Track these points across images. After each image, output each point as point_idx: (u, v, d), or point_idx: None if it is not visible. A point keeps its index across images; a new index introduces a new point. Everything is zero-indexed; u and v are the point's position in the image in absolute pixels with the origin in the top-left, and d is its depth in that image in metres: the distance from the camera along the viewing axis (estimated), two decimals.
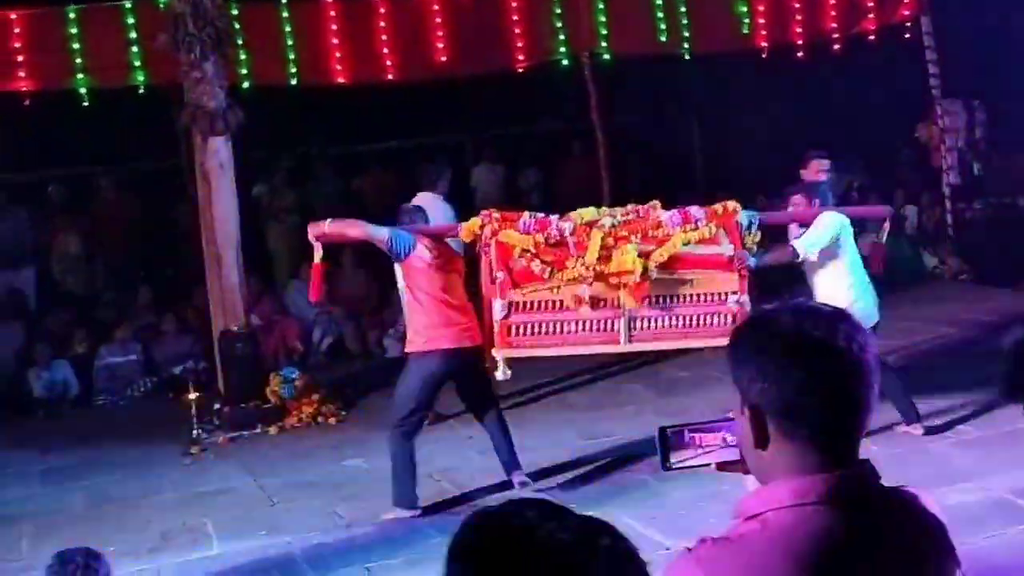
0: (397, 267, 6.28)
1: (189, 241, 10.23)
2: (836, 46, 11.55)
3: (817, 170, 7.43)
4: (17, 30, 8.88)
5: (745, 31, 11.14)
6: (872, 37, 11.66)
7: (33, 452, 8.26)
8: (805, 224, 6.66)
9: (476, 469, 6.75)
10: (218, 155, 8.54)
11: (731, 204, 6.39)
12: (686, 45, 10.96)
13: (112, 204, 12.16)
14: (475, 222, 6.14)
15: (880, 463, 1.67)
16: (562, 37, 10.58)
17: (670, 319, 6.19)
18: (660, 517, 5.60)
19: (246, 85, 9.29)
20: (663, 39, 10.86)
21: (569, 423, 7.73)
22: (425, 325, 6.11)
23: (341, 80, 9.94)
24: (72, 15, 8.97)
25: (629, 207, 6.38)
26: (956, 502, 5.29)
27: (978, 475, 5.91)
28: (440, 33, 10.17)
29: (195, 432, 8.07)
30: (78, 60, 8.98)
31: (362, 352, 10.78)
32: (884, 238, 7.14)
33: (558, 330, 6.10)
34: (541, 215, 6.25)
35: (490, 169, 13.55)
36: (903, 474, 1.75)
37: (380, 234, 6.12)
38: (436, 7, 10.16)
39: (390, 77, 10.10)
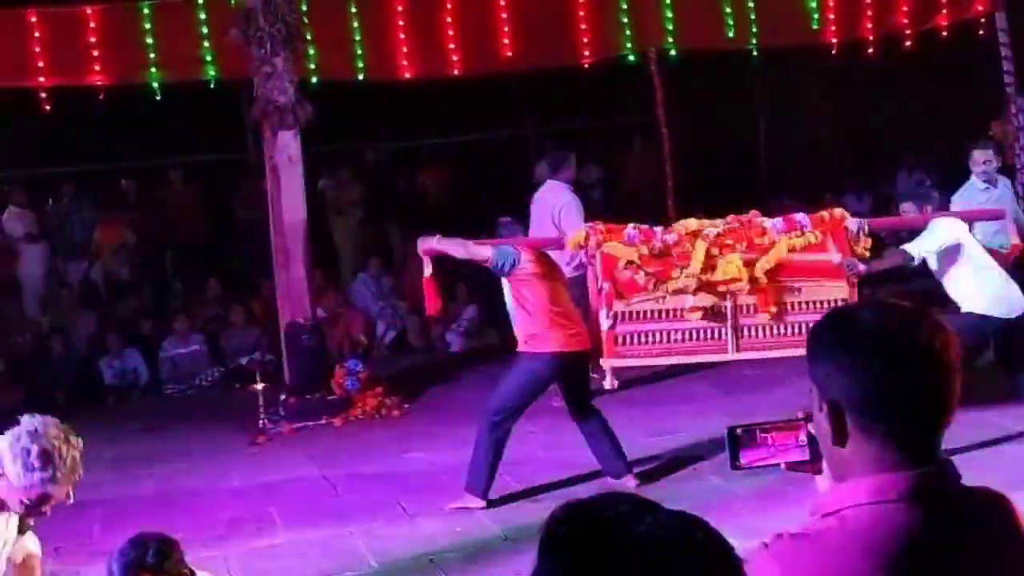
0: (503, 281, 6.32)
1: (256, 234, 10.38)
2: (908, 42, 11.33)
3: (981, 160, 7.32)
4: (92, 25, 9.05)
5: (815, 26, 10.96)
6: (945, 33, 11.41)
7: (104, 439, 8.43)
8: (918, 230, 6.55)
9: (540, 465, 6.75)
10: (287, 149, 8.65)
11: (838, 211, 6.40)
12: (754, 40, 10.83)
13: (181, 196, 12.38)
14: (580, 234, 6.29)
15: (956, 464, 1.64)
16: (628, 32, 10.51)
17: (779, 327, 6.19)
18: (724, 516, 5.54)
19: (315, 80, 9.37)
20: (731, 34, 10.74)
21: (633, 421, 7.68)
22: (534, 332, 6.16)
23: (407, 75, 9.98)
24: (146, 10, 9.11)
25: (731, 217, 6.37)
26: None
27: None
28: (506, 28, 10.16)
29: (261, 422, 8.19)
30: (151, 55, 9.12)
31: (425, 346, 10.85)
32: (1016, 239, 7.21)
33: (665, 339, 6.23)
34: (646, 226, 6.33)
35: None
36: (978, 477, 1.71)
37: (484, 253, 6.18)
38: (502, 2, 10.17)
39: (456, 72, 10.12)
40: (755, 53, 11.05)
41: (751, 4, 10.71)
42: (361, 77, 9.84)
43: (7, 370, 9.65)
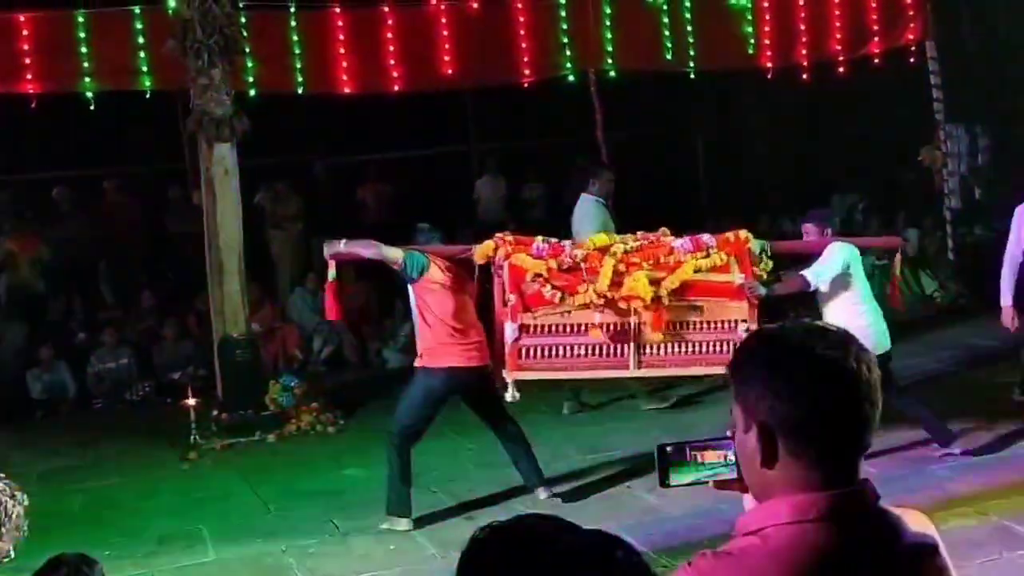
0: (409, 287, 6.25)
1: (191, 246, 10.25)
2: (841, 68, 11.59)
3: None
4: (25, 32, 8.91)
5: (751, 51, 11.18)
6: (877, 60, 11.70)
7: (32, 454, 8.26)
8: (816, 253, 6.66)
9: (474, 481, 6.74)
10: (223, 162, 8.56)
11: (743, 233, 6.45)
12: (692, 63, 11.00)
13: (116, 207, 12.18)
14: (489, 245, 6.18)
15: (879, 485, 1.67)
16: (568, 52, 10.61)
17: (679, 345, 6.25)
18: (656, 534, 5.59)
19: (253, 93, 9.31)
20: (669, 56, 10.90)
21: (570, 437, 7.72)
22: (432, 344, 6.11)
23: (347, 90, 9.97)
24: (81, 19, 9.00)
25: (640, 234, 6.44)
26: (954, 526, 5.29)
27: (977, 500, 5.91)
28: (447, 46, 10.20)
29: (193, 438, 8.07)
30: (86, 64, 9.01)
31: (361, 362, 10.79)
32: (898, 270, 7.28)
33: (569, 354, 6.17)
34: (554, 240, 6.31)
35: (493, 182, 13.59)
36: (902, 497, 1.75)
37: (394, 255, 6.10)
38: (444, 20, 10.20)
39: (396, 88, 10.13)
40: (692, 76, 11.22)
41: (689, 28, 10.89)
42: (300, 91, 9.80)
43: None
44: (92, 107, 9.11)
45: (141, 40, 9.04)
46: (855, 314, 6.45)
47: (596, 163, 9.06)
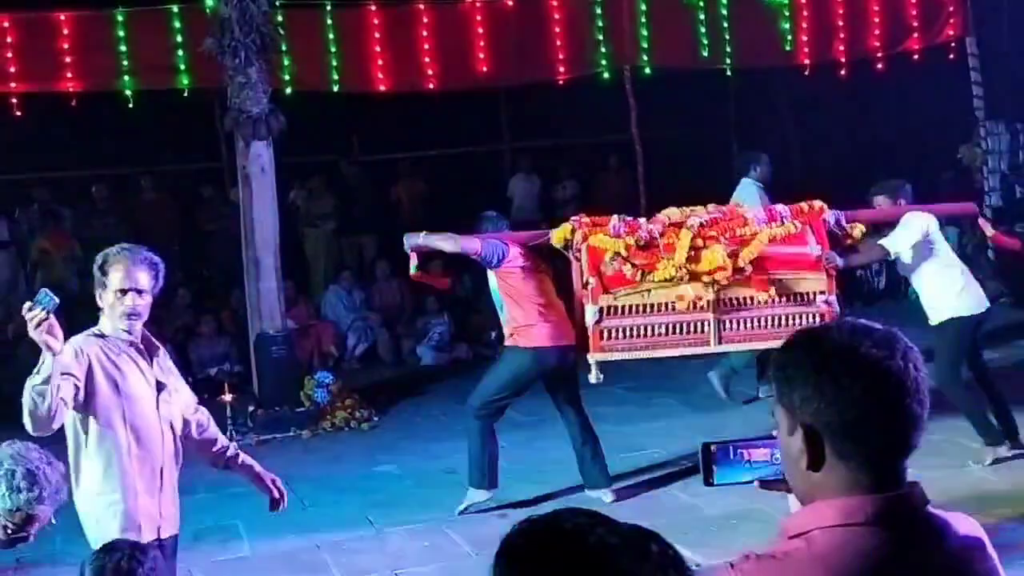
0: (490, 274, 6.36)
1: (227, 244, 10.32)
2: (880, 65, 11.47)
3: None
4: (66, 31, 9.01)
5: (788, 48, 11.09)
6: (916, 57, 11.57)
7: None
8: (892, 224, 6.64)
9: (509, 479, 6.73)
10: (259, 160, 8.62)
11: (817, 203, 6.44)
12: (728, 60, 10.93)
13: (153, 205, 12.29)
14: (566, 228, 6.21)
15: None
16: (604, 50, 10.59)
17: (759, 320, 6.23)
18: (692, 534, 5.56)
19: (289, 91, 9.36)
20: (705, 54, 10.85)
21: (603, 437, 7.68)
22: (522, 323, 6.20)
23: (382, 88, 10.00)
24: (120, 17, 9.09)
25: (712, 207, 6.44)
26: (993, 525, 5.22)
27: (1017, 500, 5.83)
28: (482, 43, 10.21)
29: (228, 433, 8.11)
30: (124, 62, 9.09)
31: (395, 360, 10.83)
32: (991, 230, 7.43)
33: (649, 333, 6.18)
34: (630, 218, 6.30)
35: (526, 180, 13.56)
36: (939, 498, 1.72)
37: (473, 246, 6.18)
38: (479, 17, 10.21)
39: (431, 86, 10.14)
40: (728, 73, 11.14)
41: (725, 25, 10.83)
42: (336, 89, 9.84)
43: None
44: (131, 105, 9.20)
45: (179, 39, 9.11)
46: (946, 279, 6.45)
47: (756, 150, 9.01)
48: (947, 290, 6.46)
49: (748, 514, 5.58)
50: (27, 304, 3.45)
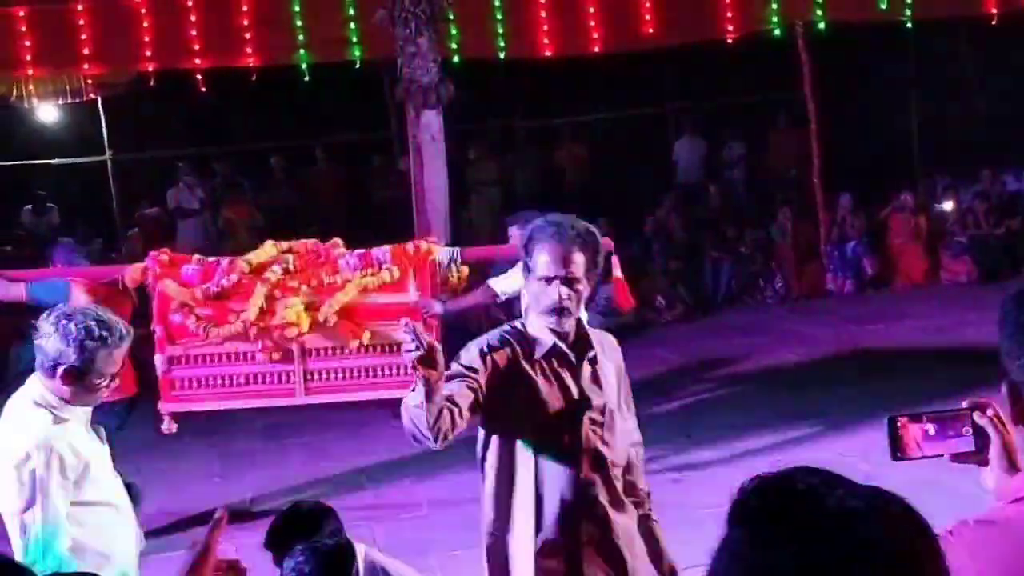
0: None
1: (396, 212, 10.55)
2: None
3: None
4: (245, 8, 9.35)
5: None
6: None
7: (255, 409, 8.74)
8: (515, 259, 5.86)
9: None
10: (430, 128, 8.77)
11: (424, 244, 6.05)
12: (908, 11, 10.42)
13: (325, 175, 12.70)
14: (138, 268, 5.85)
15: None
16: (774, 5, 10.27)
17: (352, 371, 5.89)
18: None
19: (456, 59, 9.47)
20: (883, 5, 10.37)
21: (776, 402, 7.55)
22: None
23: (547, 53, 10.00)
24: None
25: (310, 243, 6.07)
26: None
27: None
28: (648, 4, 10.07)
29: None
30: (300, 37, 9.38)
31: None
32: (619, 272, 6.39)
33: (229, 383, 5.85)
34: (211, 259, 5.96)
35: (692, 142, 13.35)
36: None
37: (15, 291, 5.51)
38: None
39: (596, 49, 10.08)
40: (909, 25, 10.63)
41: None
42: (502, 55, 9.90)
43: None
44: (306, 78, 9.50)
45: (351, 11, 9.33)
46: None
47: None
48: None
49: (934, 485, 5.36)
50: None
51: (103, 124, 11.97)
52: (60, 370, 3.00)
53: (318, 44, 9.44)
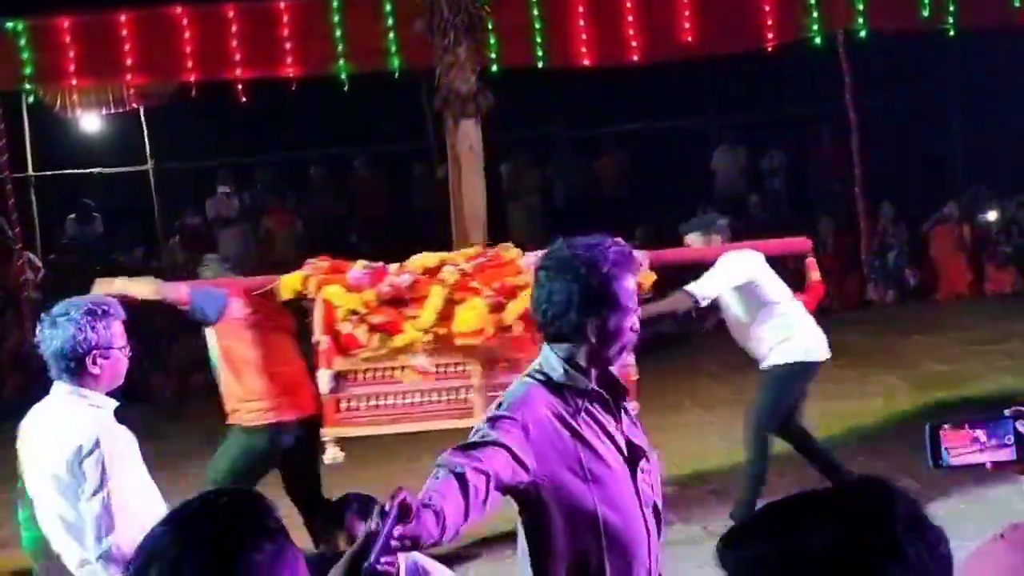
0: (207, 332, 5.19)
1: (437, 221, 10.57)
2: None
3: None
4: (286, 18, 9.43)
5: (1018, 4, 10.34)
6: None
7: None
8: (707, 264, 5.56)
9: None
10: (468, 138, 8.75)
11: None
12: (951, 20, 10.29)
13: (366, 183, 12.77)
14: (297, 276, 5.22)
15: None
16: (815, 14, 10.18)
17: None
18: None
19: (495, 68, 9.47)
20: (926, 14, 10.24)
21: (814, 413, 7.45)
22: (245, 398, 5.06)
23: (586, 62, 9.98)
24: (335, 3, 9.43)
25: (481, 250, 5.56)
26: None
27: None
28: (687, 13, 10.02)
29: None
30: (339, 47, 9.44)
31: None
32: (816, 276, 5.97)
33: (399, 402, 5.19)
34: (379, 264, 5.33)
35: (731, 152, 13.27)
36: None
37: (178, 294, 5.06)
38: None
39: (635, 59, 10.04)
40: (952, 34, 10.50)
41: None
42: (541, 65, 9.90)
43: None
44: (345, 88, 9.55)
45: (390, 22, 9.37)
46: (787, 324, 5.51)
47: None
48: (796, 331, 5.50)
49: (980, 498, 5.28)
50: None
51: (145, 134, 12.12)
52: (89, 357, 3.06)
53: (357, 54, 9.48)
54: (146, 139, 12.19)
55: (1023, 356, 8.18)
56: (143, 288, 5.04)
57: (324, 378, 5.12)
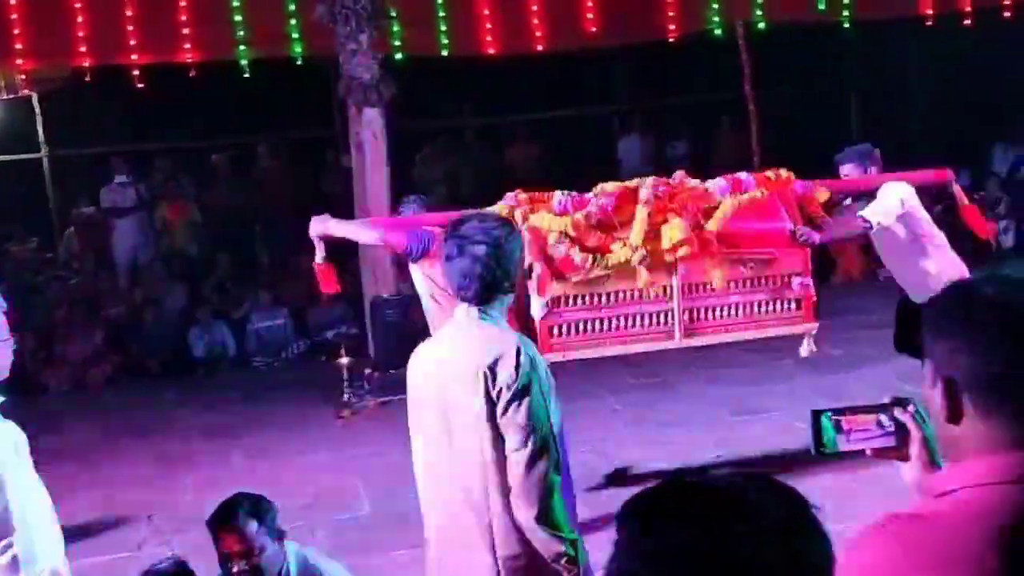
0: (414, 269, 5.52)
1: (346, 209, 10.47)
2: (1007, 13, 10.94)
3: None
4: (184, 3, 9.21)
5: None
6: None
7: (195, 409, 8.64)
8: (862, 195, 5.81)
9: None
10: (371, 126, 8.71)
11: (784, 172, 5.69)
12: (846, 12, 10.56)
13: (271, 172, 12.56)
14: (502, 207, 5.35)
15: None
16: (715, 5, 10.35)
17: (729, 308, 5.51)
18: (815, 499, 5.43)
19: (399, 56, 9.41)
20: (822, 6, 10.50)
21: (721, 400, 7.60)
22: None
23: (491, 50, 9.98)
24: None
25: (659, 179, 5.65)
26: None
27: None
28: (590, 3, 10.09)
29: (346, 396, 8.28)
30: (240, 32, 9.26)
31: None
32: (966, 200, 6.24)
33: (607, 327, 5.37)
34: (576, 194, 5.46)
35: (636, 141, 13.41)
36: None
37: (397, 239, 5.39)
38: None
39: (539, 48, 10.08)
40: (847, 26, 10.77)
41: None
42: (445, 53, 9.86)
43: (104, 340, 9.93)
44: (247, 75, 9.38)
45: (292, 7, 9.24)
46: (944, 255, 5.71)
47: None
48: (951, 265, 5.66)
49: (874, 479, 5.43)
50: None
51: (39, 121, 11.74)
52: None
53: (258, 40, 9.32)
54: (39, 126, 11.81)
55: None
56: (359, 231, 5.65)
57: (537, 305, 5.28)
